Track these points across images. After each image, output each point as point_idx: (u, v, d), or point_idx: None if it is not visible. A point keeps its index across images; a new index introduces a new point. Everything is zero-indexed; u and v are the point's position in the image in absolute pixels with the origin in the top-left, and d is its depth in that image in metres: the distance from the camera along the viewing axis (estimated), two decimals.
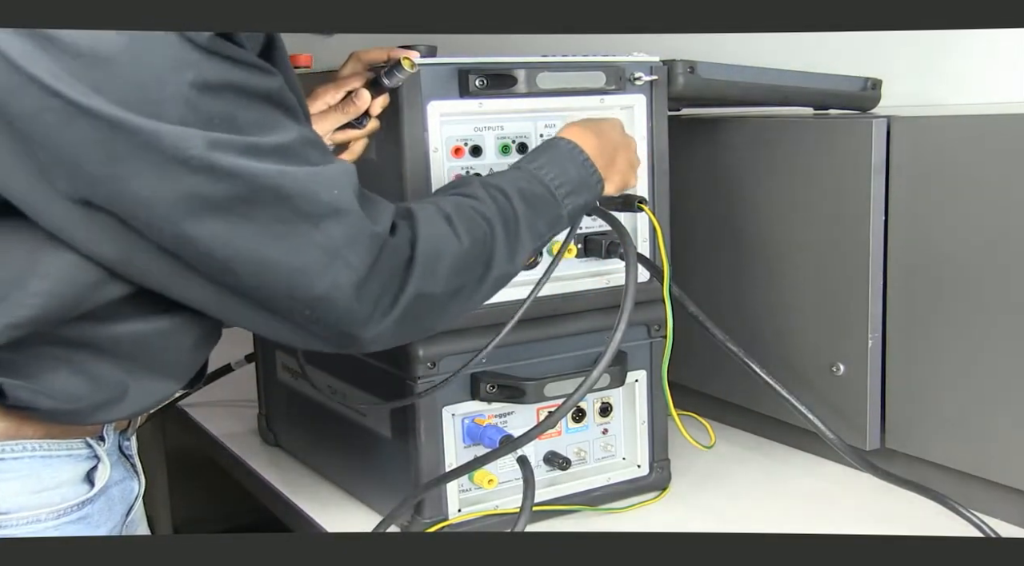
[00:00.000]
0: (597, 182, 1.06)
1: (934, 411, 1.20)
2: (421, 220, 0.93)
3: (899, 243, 1.21)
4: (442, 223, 0.94)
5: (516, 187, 1.00)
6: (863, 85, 1.44)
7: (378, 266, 0.87)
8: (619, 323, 1.08)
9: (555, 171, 1.03)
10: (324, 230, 0.84)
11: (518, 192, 1.00)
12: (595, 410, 1.27)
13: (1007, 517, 1.17)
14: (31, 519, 0.88)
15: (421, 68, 1.09)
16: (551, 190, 1.02)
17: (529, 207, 1.00)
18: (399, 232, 0.91)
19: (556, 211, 1.02)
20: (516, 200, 0.99)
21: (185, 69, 0.77)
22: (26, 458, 0.88)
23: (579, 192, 1.04)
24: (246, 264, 0.82)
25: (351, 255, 0.85)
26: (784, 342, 1.36)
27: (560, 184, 1.02)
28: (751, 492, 1.31)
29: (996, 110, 1.20)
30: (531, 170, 1.02)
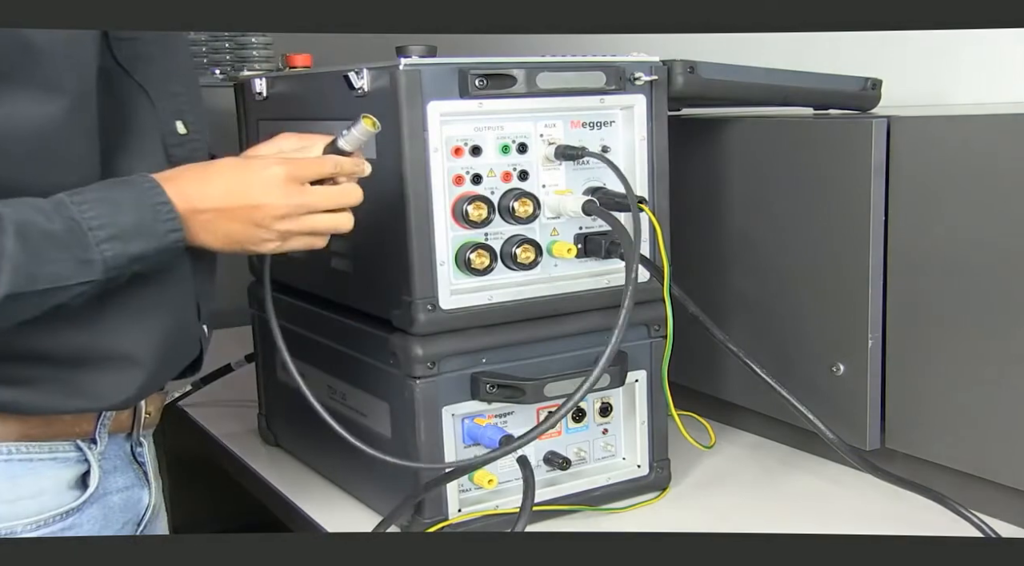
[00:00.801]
0: (170, 234, 0.88)
1: (934, 411, 1.20)
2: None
3: (899, 243, 1.21)
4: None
5: (21, 219, 0.82)
6: (863, 85, 1.44)
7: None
8: (619, 323, 1.08)
9: (101, 209, 0.86)
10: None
11: (19, 225, 0.82)
12: (595, 410, 1.27)
13: (1007, 517, 1.17)
14: (4, 531, 0.84)
15: (422, 68, 1.09)
16: (82, 230, 0.84)
17: (26, 246, 0.81)
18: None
19: (83, 255, 0.84)
20: (6, 235, 0.81)
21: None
22: (1, 462, 0.85)
23: (131, 239, 0.86)
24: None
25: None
26: (784, 342, 1.35)
27: (101, 225, 0.85)
28: (751, 492, 1.31)
29: (996, 110, 1.20)
30: (65, 202, 0.85)
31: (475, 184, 1.14)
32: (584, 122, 1.20)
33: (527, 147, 1.17)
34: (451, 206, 1.13)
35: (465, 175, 1.14)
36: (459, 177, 1.14)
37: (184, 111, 1.00)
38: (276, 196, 0.91)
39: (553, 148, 1.17)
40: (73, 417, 0.91)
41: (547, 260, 1.19)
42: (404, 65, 1.09)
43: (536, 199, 1.16)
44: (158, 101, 0.96)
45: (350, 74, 1.15)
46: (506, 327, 1.18)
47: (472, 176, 1.14)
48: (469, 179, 1.14)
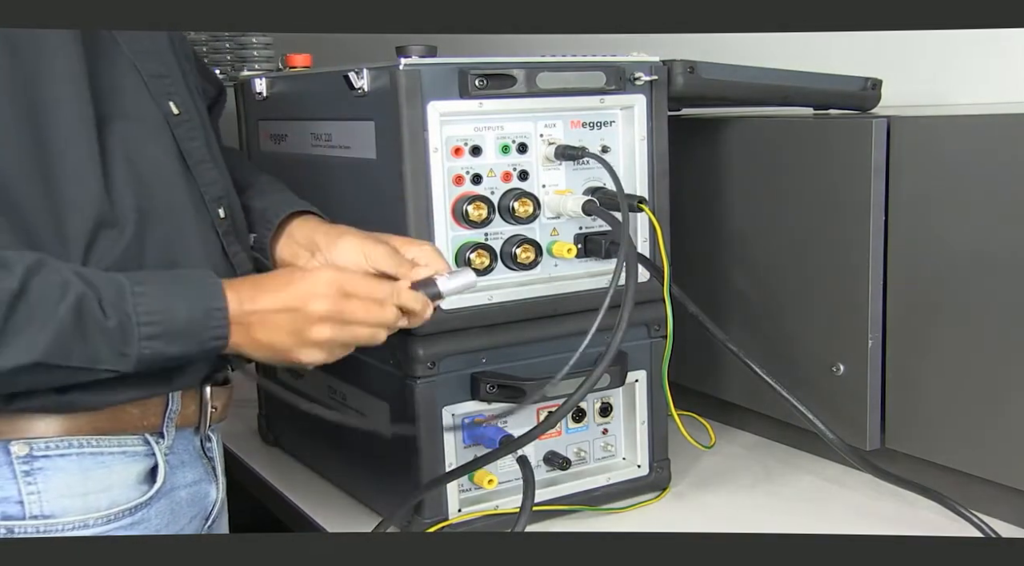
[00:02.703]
0: (213, 341, 0.88)
1: (934, 411, 1.20)
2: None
3: (899, 243, 1.21)
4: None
5: (82, 294, 0.82)
6: (863, 85, 1.44)
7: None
8: (619, 323, 1.08)
9: (156, 305, 0.86)
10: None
11: (79, 300, 0.82)
12: (595, 410, 1.27)
13: (1007, 517, 1.17)
14: (77, 525, 0.86)
15: (422, 68, 1.09)
16: (131, 325, 0.84)
17: (77, 324, 0.82)
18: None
19: (119, 348, 0.84)
20: (65, 305, 0.81)
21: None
22: (73, 456, 0.86)
23: (173, 341, 0.86)
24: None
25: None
26: (784, 342, 1.35)
27: (150, 322, 0.85)
28: (751, 492, 1.31)
29: (996, 110, 1.20)
30: (125, 291, 0.85)
31: (475, 184, 1.14)
32: (584, 122, 1.20)
33: (527, 147, 1.17)
34: (451, 206, 1.13)
35: (465, 175, 1.14)
36: (459, 177, 1.14)
37: (172, 92, 1.00)
38: (319, 302, 0.91)
39: (553, 148, 1.17)
40: (140, 411, 0.92)
41: (547, 260, 1.19)
42: (404, 65, 1.09)
43: (536, 199, 1.16)
44: (149, 81, 0.96)
45: (350, 74, 1.15)
46: (506, 327, 1.18)
47: (472, 176, 1.14)
48: (469, 179, 1.14)
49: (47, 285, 0.81)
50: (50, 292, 0.81)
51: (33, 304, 0.80)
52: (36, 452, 0.84)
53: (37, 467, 0.84)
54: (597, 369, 1.09)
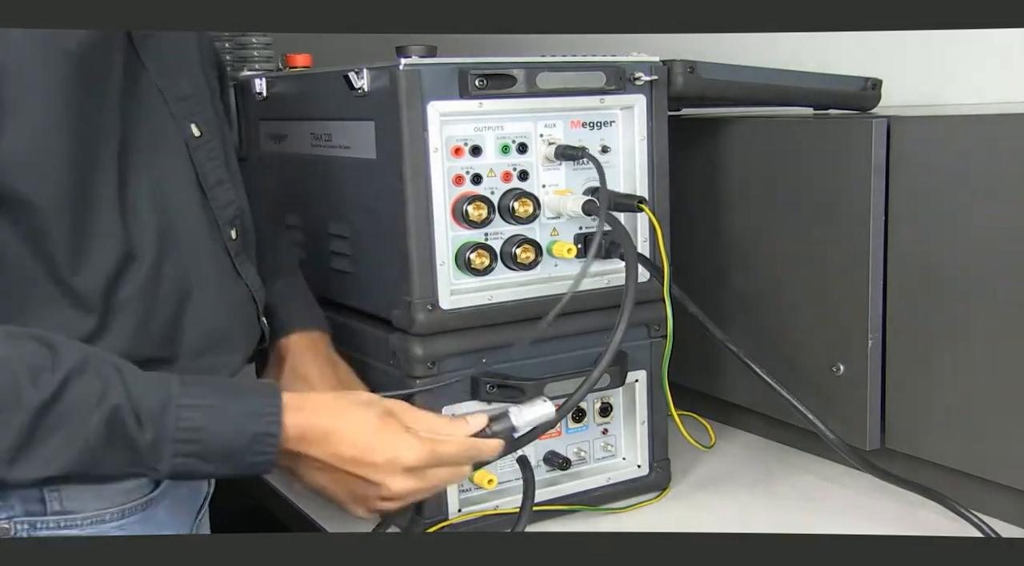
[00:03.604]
0: (256, 466, 0.85)
1: (934, 411, 1.20)
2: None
3: (899, 243, 1.21)
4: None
5: (118, 405, 0.80)
6: (863, 85, 1.44)
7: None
8: (619, 323, 1.08)
9: (203, 421, 0.82)
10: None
11: (112, 412, 0.79)
12: (595, 410, 1.27)
13: (1007, 517, 1.17)
14: (95, 520, 0.87)
15: (422, 68, 1.09)
16: (167, 441, 0.81)
17: (109, 438, 0.79)
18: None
19: (149, 463, 0.81)
20: (97, 416, 0.78)
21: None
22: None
23: (210, 461, 0.83)
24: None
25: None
26: (784, 342, 1.35)
27: (190, 440, 0.82)
28: (751, 492, 1.31)
29: (996, 110, 1.20)
30: (171, 403, 0.82)
31: (475, 184, 1.14)
32: (584, 122, 1.20)
33: (527, 147, 1.17)
34: (451, 206, 1.13)
35: (465, 175, 1.14)
36: (459, 177, 1.14)
37: (195, 113, 1.01)
38: (395, 481, 0.89)
39: (553, 148, 1.17)
40: None
41: (547, 260, 1.19)
42: (404, 65, 1.09)
43: (536, 199, 1.16)
44: (172, 104, 0.97)
45: (350, 74, 1.15)
46: (506, 327, 1.18)
47: (472, 176, 1.14)
48: (469, 179, 1.14)
49: (85, 391, 0.78)
50: (85, 400, 0.78)
51: (65, 413, 0.77)
52: None
53: None
54: (597, 369, 1.09)
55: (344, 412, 0.91)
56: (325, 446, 0.87)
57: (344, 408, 0.92)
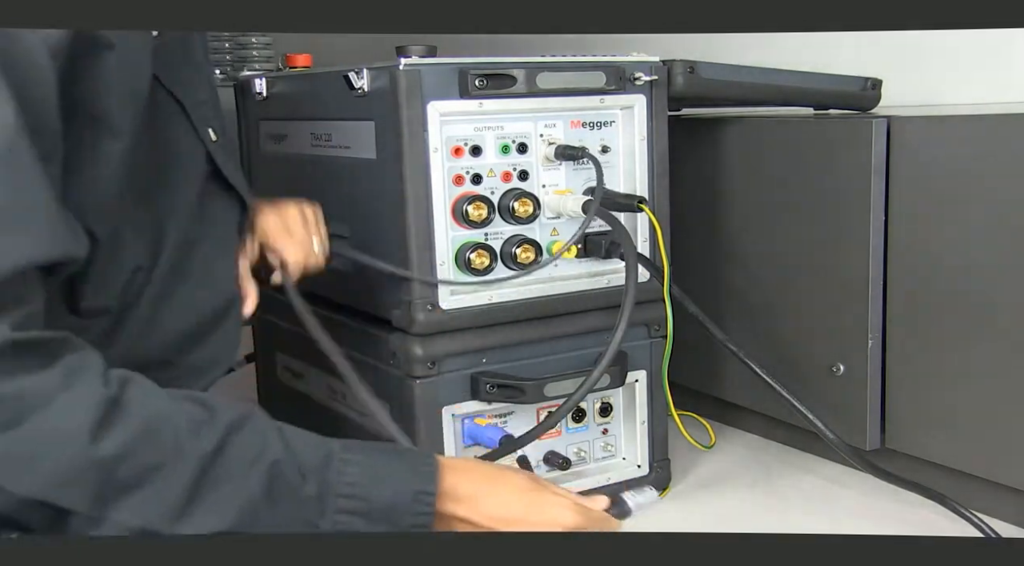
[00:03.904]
0: (413, 527, 0.83)
1: (934, 411, 1.20)
2: (72, 390, 0.72)
3: (899, 243, 1.21)
4: (91, 409, 0.72)
5: (278, 459, 0.78)
6: (863, 85, 1.44)
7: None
8: (619, 323, 1.08)
9: (363, 478, 0.81)
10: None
11: (272, 465, 0.78)
12: (595, 410, 1.27)
13: (1007, 517, 1.17)
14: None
15: (422, 68, 1.09)
16: (330, 497, 0.80)
17: (269, 494, 0.78)
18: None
19: (310, 518, 0.80)
20: (258, 470, 0.77)
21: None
22: None
23: (370, 519, 0.81)
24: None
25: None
26: (784, 342, 1.35)
27: (352, 495, 0.81)
28: (751, 492, 1.31)
29: (996, 110, 1.20)
30: (333, 458, 0.81)
31: (475, 184, 1.14)
32: (584, 122, 1.20)
33: (527, 147, 1.17)
34: (451, 206, 1.13)
35: (465, 175, 1.14)
36: (459, 177, 1.14)
37: (210, 118, 1.01)
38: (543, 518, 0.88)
39: (553, 148, 1.17)
40: None
41: (547, 260, 1.19)
42: (404, 65, 1.09)
43: (536, 199, 1.16)
44: (191, 111, 0.97)
45: (350, 74, 1.15)
46: (506, 327, 1.18)
47: (472, 176, 1.14)
48: (469, 179, 1.14)
49: (245, 447, 0.78)
50: (246, 455, 0.77)
51: (227, 468, 0.76)
52: None
53: None
54: (597, 369, 1.09)
55: (497, 473, 0.91)
56: (479, 507, 0.86)
57: (496, 469, 0.92)
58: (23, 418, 0.70)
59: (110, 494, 0.73)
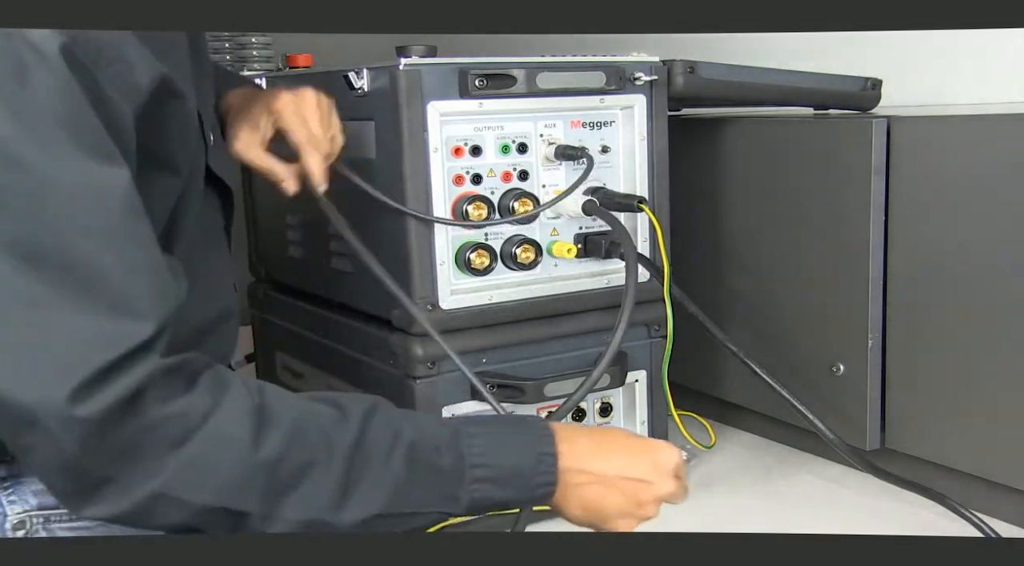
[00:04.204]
0: (541, 487, 0.87)
1: (934, 411, 1.20)
2: (224, 404, 0.77)
3: (899, 243, 1.21)
4: (247, 418, 0.77)
5: (413, 440, 0.83)
6: (863, 85, 1.44)
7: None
8: (619, 323, 1.08)
9: (488, 448, 0.85)
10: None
11: (409, 446, 0.83)
12: (595, 410, 1.27)
13: (1007, 517, 1.17)
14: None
15: (422, 68, 1.09)
16: (463, 467, 0.84)
17: (411, 470, 0.82)
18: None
19: (450, 490, 0.84)
20: (398, 453, 0.82)
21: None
22: None
23: (503, 485, 0.85)
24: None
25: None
26: (784, 342, 1.35)
27: (482, 464, 0.84)
28: (751, 492, 1.31)
29: (996, 110, 1.21)
30: (460, 433, 0.85)
31: (475, 184, 1.14)
32: (584, 122, 1.20)
33: (527, 147, 1.17)
34: (451, 206, 1.13)
35: (465, 175, 1.14)
36: (459, 177, 1.14)
37: (213, 119, 1.01)
38: (666, 482, 0.91)
39: (553, 148, 1.17)
40: None
41: (547, 260, 1.19)
42: (404, 65, 1.09)
43: (536, 199, 1.16)
44: (205, 120, 0.95)
45: (350, 74, 1.15)
46: (506, 327, 1.18)
47: (472, 176, 1.14)
48: (469, 179, 1.14)
49: (381, 433, 0.82)
50: (384, 440, 0.82)
51: (369, 455, 0.81)
52: None
53: None
54: (597, 369, 1.09)
55: (602, 430, 0.98)
56: (599, 458, 0.89)
57: (598, 430, 0.97)
58: (189, 435, 0.75)
59: (277, 493, 0.78)
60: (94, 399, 0.70)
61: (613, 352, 1.08)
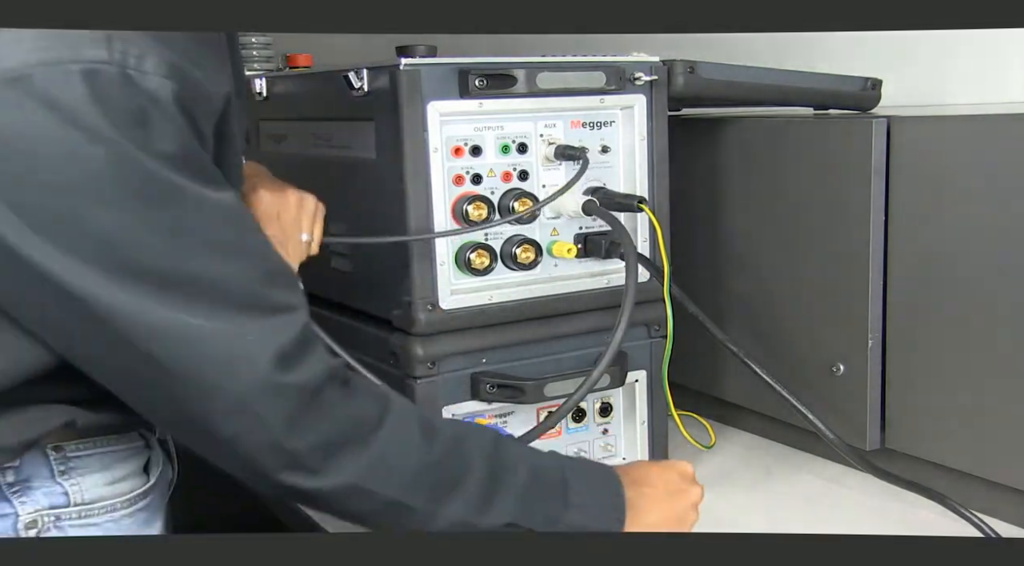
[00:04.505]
0: (616, 520, 0.97)
1: (934, 411, 1.20)
2: (394, 409, 0.89)
3: (899, 243, 1.21)
4: (416, 420, 0.89)
5: (533, 459, 0.95)
6: (863, 85, 1.44)
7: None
8: (619, 323, 1.08)
9: (582, 479, 0.97)
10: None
11: (531, 464, 0.94)
12: (595, 410, 1.27)
13: (1007, 517, 1.17)
14: (109, 508, 0.94)
15: (422, 68, 1.09)
16: (567, 490, 0.94)
17: (531, 485, 0.92)
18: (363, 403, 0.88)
19: (555, 513, 0.93)
20: (524, 469, 0.93)
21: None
22: (98, 454, 0.93)
23: (594, 515, 0.96)
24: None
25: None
26: (784, 342, 1.35)
27: (578, 491, 0.95)
28: (751, 492, 1.31)
29: (996, 110, 1.20)
30: (563, 461, 0.98)
31: (475, 184, 1.14)
32: (584, 122, 1.20)
33: (527, 147, 1.17)
34: (451, 206, 1.13)
35: (465, 175, 1.14)
36: (459, 177, 1.14)
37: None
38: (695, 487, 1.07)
39: (553, 148, 1.17)
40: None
41: (547, 260, 1.19)
42: (404, 65, 1.09)
43: (536, 199, 1.16)
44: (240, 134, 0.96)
45: (350, 74, 1.15)
46: (506, 327, 1.18)
47: (472, 176, 1.14)
48: (469, 179, 1.14)
49: (510, 447, 0.95)
50: (514, 453, 0.94)
51: (503, 465, 0.91)
52: (69, 454, 0.92)
53: (71, 466, 0.92)
54: (597, 369, 1.09)
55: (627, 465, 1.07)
56: (643, 486, 1.01)
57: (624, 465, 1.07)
58: (368, 435, 0.85)
59: (440, 493, 0.88)
60: (294, 372, 0.80)
61: (613, 352, 1.08)
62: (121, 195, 0.74)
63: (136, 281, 0.75)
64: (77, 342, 0.80)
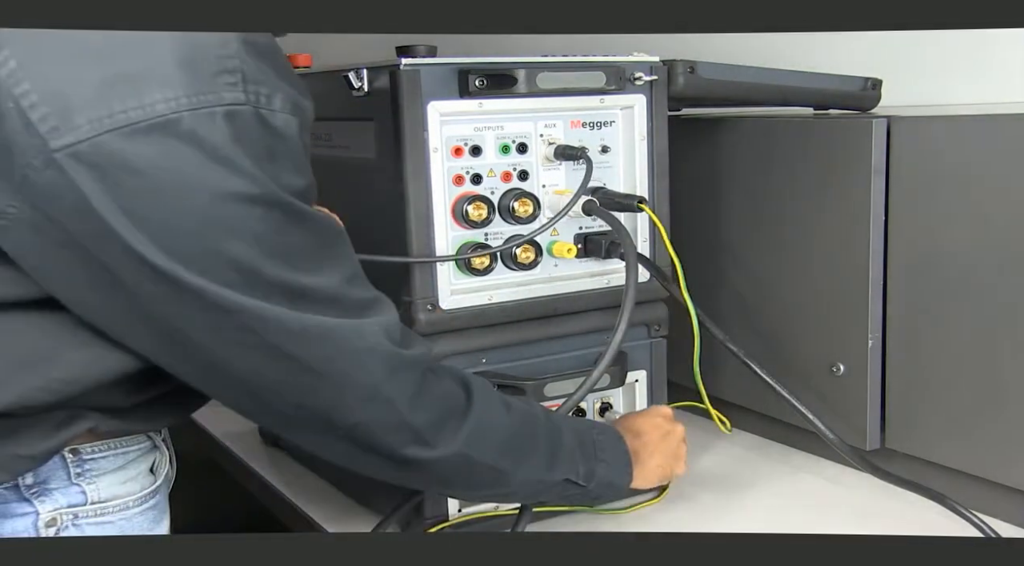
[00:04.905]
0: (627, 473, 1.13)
1: (934, 411, 1.20)
2: (475, 385, 1.00)
3: (899, 243, 1.21)
4: (496, 396, 1.02)
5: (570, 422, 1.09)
6: (863, 85, 1.44)
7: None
8: (619, 323, 1.08)
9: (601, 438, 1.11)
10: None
11: (572, 426, 1.08)
12: (595, 410, 1.27)
13: (1007, 517, 1.17)
14: (122, 506, 0.96)
15: (422, 68, 1.09)
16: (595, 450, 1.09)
17: (576, 441, 1.07)
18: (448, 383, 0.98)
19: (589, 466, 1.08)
20: (568, 432, 1.06)
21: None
22: (111, 456, 0.95)
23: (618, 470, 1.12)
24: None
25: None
26: (784, 342, 1.35)
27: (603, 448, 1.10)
28: (751, 492, 1.31)
29: (996, 110, 1.20)
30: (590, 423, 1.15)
31: (475, 184, 1.14)
32: (584, 122, 1.20)
33: (527, 147, 1.17)
34: (451, 206, 1.13)
35: (465, 175, 1.14)
36: (459, 177, 1.14)
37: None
38: (679, 425, 1.22)
39: (553, 148, 1.17)
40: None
41: (547, 260, 1.20)
42: (404, 65, 1.09)
43: (536, 199, 1.17)
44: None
45: (350, 74, 1.15)
46: (506, 327, 1.18)
47: (472, 176, 1.14)
48: (469, 179, 1.14)
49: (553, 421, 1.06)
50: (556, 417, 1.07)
51: (556, 427, 1.06)
52: (85, 456, 0.94)
53: (87, 468, 0.94)
54: (597, 369, 1.09)
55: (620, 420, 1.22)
56: (640, 435, 1.16)
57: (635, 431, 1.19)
58: (467, 407, 0.96)
59: (521, 456, 1.01)
60: (409, 351, 0.91)
61: (613, 352, 1.08)
62: (261, 223, 0.81)
63: (273, 293, 0.83)
64: (219, 349, 0.84)
